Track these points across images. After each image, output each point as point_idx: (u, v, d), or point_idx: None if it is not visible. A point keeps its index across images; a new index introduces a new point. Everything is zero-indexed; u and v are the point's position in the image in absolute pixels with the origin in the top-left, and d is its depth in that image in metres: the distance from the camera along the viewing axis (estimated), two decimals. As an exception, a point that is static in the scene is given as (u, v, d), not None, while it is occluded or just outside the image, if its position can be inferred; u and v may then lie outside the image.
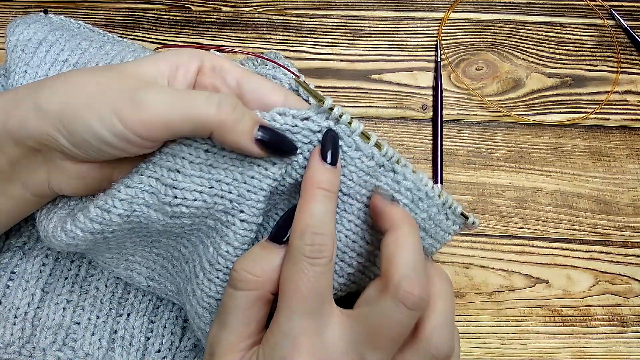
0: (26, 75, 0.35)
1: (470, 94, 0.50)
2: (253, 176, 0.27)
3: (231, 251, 0.28)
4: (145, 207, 0.28)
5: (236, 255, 0.28)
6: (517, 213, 0.46)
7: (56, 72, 0.35)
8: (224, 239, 0.28)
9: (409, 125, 0.48)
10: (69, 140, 0.26)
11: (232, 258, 0.28)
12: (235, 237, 0.28)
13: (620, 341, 0.42)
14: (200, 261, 0.29)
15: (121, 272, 0.34)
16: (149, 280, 0.34)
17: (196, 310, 0.30)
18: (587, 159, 0.48)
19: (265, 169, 0.27)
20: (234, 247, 0.28)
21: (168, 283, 0.34)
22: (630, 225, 0.46)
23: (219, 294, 0.29)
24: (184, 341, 0.36)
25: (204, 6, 0.53)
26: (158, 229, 0.29)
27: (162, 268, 0.33)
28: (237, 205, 0.27)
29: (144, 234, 0.30)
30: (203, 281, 0.29)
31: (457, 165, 0.47)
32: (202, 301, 0.29)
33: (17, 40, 0.35)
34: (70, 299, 0.36)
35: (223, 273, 0.28)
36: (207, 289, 0.29)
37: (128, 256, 0.33)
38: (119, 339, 0.36)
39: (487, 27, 0.53)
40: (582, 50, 0.52)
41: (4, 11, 0.52)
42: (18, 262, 0.37)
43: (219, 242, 0.28)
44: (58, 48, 0.36)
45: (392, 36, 0.52)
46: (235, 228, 0.28)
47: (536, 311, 0.43)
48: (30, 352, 0.34)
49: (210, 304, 0.29)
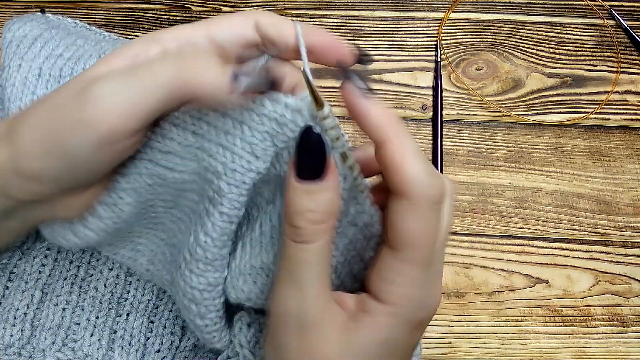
0: (20, 68, 0.34)
1: (470, 94, 0.50)
2: (235, 169, 0.25)
3: (209, 242, 0.27)
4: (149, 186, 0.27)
5: (215, 245, 0.27)
6: (517, 213, 0.46)
7: (50, 65, 0.34)
8: (203, 228, 0.27)
9: (409, 125, 0.48)
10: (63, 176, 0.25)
11: (210, 249, 0.27)
12: (214, 228, 0.26)
13: (620, 341, 0.42)
14: (182, 252, 0.28)
15: (126, 252, 0.34)
16: (150, 265, 0.34)
17: (183, 302, 0.29)
18: (587, 159, 0.48)
19: (249, 162, 0.25)
20: (212, 238, 0.27)
21: (165, 271, 0.33)
22: (630, 225, 0.46)
23: (201, 284, 0.28)
24: (184, 341, 0.36)
25: (204, 6, 0.53)
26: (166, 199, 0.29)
27: (162, 254, 0.33)
28: (217, 197, 0.26)
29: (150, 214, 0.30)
30: (185, 272, 0.28)
31: (457, 165, 0.47)
32: (187, 292, 0.28)
33: (13, 36, 0.35)
34: (70, 299, 0.36)
35: (203, 263, 0.27)
36: (189, 280, 0.28)
37: (135, 238, 0.33)
38: (119, 339, 0.36)
39: (487, 27, 0.53)
40: (582, 50, 0.52)
41: (3, 10, 0.52)
42: (17, 263, 0.36)
43: (199, 231, 0.27)
44: (53, 44, 0.35)
45: (392, 36, 0.52)
46: (214, 219, 0.26)
47: (536, 311, 0.43)
48: (30, 353, 0.34)
49: (195, 295, 0.28)
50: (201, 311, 0.29)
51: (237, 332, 0.30)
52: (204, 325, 0.30)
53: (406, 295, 0.23)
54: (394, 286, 0.23)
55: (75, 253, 0.37)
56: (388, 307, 0.23)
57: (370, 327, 0.23)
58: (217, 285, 0.29)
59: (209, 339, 0.30)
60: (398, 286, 0.23)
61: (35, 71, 0.34)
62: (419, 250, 0.22)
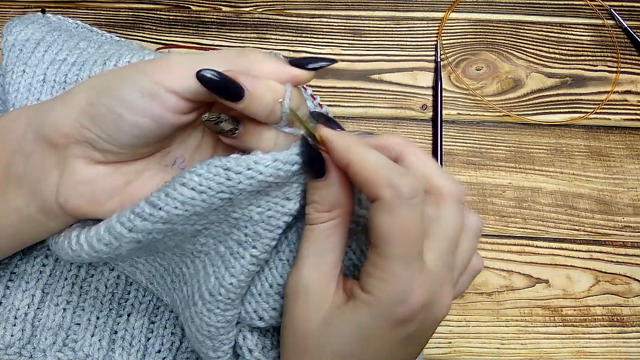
0: (24, 74, 0.35)
1: (470, 94, 0.50)
2: (271, 216, 0.27)
3: (235, 283, 0.28)
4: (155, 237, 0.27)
5: (239, 287, 0.28)
6: (517, 213, 0.46)
7: (55, 70, 0.35)
8: (229, 270, 0.28)
9: (409, 125, 0.48)
10: (97, 121, 0.26)
11: (234, 290, 0.28)
12: (242, 270, 0.27)
13: (620, 341, 0.42)
14: (200, 289, 0.29)
15: (126, 267, 0.34)
16: (149, 284, 0.34)
17: (196, 336, 0.30)
18: (587, 159, 0.48)
19: (282, 207, 0.27)
20: (238, 280, 0.28)
21: (164, 294, 0.33)
22: (630, 225, 0.46)
23: (219, 322, 0.29)
24: (185, 342, 0.36)
25: (204, 6, 0.53)
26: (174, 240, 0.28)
27: (161, 278, 0.33)
28: (250, 240, 0.27)
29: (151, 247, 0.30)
30: (202, 310, 0.29)
31: (457, 165, 0.47)
32: (202, 329, 0.29)
33: (15, 40, 0.35)
34: (70, 299, 0.36)
35: (224, 304, 0.28)
36: (206, 319, 0.29)
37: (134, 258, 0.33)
38: (119, 340, 0.36)
39: (487, 27, 0.53)
40: (582, 50, 0.52)
41: (3, 11, 0.52)
42: (18, 263, 0.36)
43: (224, 273, 0.28)
44: (56, 48, 0.35)
45: (392, 36, 0.52)
46: (244, 262, 0.27)
47: (536, 311, 0.43)
48: (31, 353, 0.34)
49: (211, 332, 0.29)
50: (215, 345, 0.30)
51: (242, 342, 0.31)
52: (216, 357, 0.30)
53: (383, 289, 0.24)
54: (371, 278, 0.25)
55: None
56: (366, 296, 0.25)
57: (350, 310, 0.25)
58: (233, 321, 0.29)
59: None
60: (375, 279, 0.24)
61: (40, 77, 0.34)
62: (394, 246, 0.24)
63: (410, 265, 0.24)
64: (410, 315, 0.24)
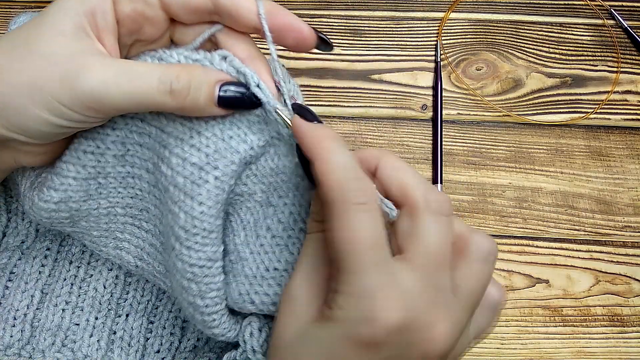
0: None
1: (470, 94, 0.50)
2: (231, 136, 0.27)
3: (205, 210, 0.27)
4: (138, 146, 0.28)
5: (210, 214, 0.27)
6: (517, 213, 0.46)
7: None
8: (197, 198, 0.27)
9: (409, 125, 0.48)
10: (22, 134, 0.25)
11: (207, 219, 0.27)
12: (209, 194, 0.26)
13: (620, 341, 0.42)
14: (174, 232, 0.28)
15: (110, 251, 0.33)
16: (138, 260, 0.33)
17: (182, 284, 0.28)
18: (587, 159, 0.48)
19: (245, 134, 0.27)
20: (208, 206, 0.27)
21: (156, 263, 0.32)
22: (630, 225, 0.46)
23: (201, 259, 0.28)
24: (184, 342, 0.36)
25: (204, 6, 0.53)
26: (148, 175, 0.29)
27: (151, 247, 0.32)
28: (212, 160, 0.26)
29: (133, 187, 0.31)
30: (181, 250, 0.27)
31: (457, 165, 0.47)
32: (186, 272, 0.28)
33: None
34: (69, 300, 0.36)
35: (201, 236, 0.27)
36: (187, 258, 0.27)
37: (117, 233, 0.32)
38: (118, 340, 0.36)
39: (487, 27, 0.53)
40: (582, 50, 0.52)
41: (4, 11, 0.52)
42: (17, 263, 0.36)
43: (191, 204, 0.27)
44: None
45: (392, 36, 0.52)
46: (209, 186, 0.26)
47: (536, 311, 0.43)
48: (30, 353, 0.34)
49: (195, 272, 0.28)
50: (202, 289, 0.28)
51: (248, 338, 0.30)
52: (204, 306, 0.29)
53: (342, 303, 0.22)
54: (332, 293, 0.23)
55: (75, 253, 0.37)
56: (329, 312, 0.23)
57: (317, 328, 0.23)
58: (216, 260, 0.28)
59: (209, 321, 0.29)
60: (335, 293, 0.23)
61: None
62: (348, 255, 0.22)
63: (369, 276, 0.21)
64: (379, 337, 0.21)
